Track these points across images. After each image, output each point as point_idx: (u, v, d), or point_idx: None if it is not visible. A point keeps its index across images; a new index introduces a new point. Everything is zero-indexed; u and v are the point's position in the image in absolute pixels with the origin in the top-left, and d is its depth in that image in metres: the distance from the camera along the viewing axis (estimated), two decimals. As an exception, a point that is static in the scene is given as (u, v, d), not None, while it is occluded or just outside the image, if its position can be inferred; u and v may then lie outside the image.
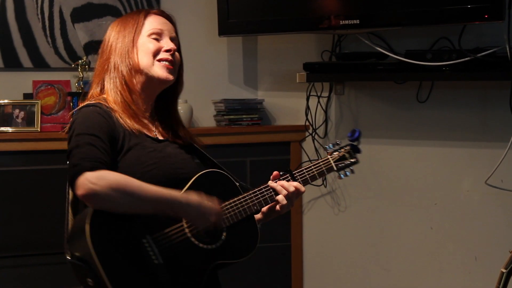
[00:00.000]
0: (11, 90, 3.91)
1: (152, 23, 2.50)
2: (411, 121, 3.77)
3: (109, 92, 2.46)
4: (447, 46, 3.57)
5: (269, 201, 2.52)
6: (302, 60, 3.84)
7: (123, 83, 2.46)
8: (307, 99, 4.03)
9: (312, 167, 2.56)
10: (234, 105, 4.08)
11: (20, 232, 3.74)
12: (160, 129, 2.54)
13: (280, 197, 2.50)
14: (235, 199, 2.46)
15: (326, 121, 4.03)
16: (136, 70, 2.46)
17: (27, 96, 3.91)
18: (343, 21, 3.53)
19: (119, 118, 2.41)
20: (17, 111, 3.84)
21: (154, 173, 2.39)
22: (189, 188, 2.41)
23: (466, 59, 3.34)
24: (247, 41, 4.21)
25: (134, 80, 2.47)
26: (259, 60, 4.23)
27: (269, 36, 4.13)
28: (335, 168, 2.58)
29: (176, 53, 2.50)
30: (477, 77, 3.42)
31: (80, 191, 2.23)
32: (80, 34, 4.00)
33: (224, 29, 3.87)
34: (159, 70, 2.46)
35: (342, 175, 2.61)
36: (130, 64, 2.45)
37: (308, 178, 2.56)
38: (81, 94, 3.84)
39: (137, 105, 2.47)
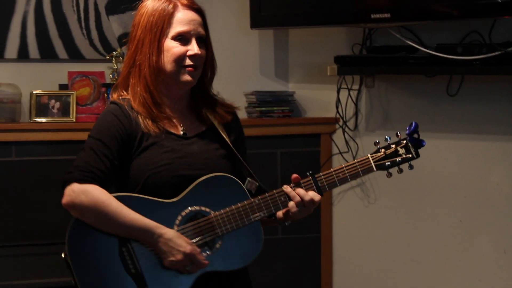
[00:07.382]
0: (47, 81, 3.97)
1: (179, 22, 2.40)
2: (440, 114, 3.77)
3: (132, 95, 2.44)
4: (477, 40, 3.57)
5: (281, 207, 2.37)
6: (332, 53, 3.86)
7: (146, 86, 2.42)
8: (338, 92, 4.05)
9: (345, 168, 2.38)
10: (265, 97, 4.11)
11: (55, 220, 3.78)
12: (193, 123, 2.49)
13: (291, 204, 2.35)
14: (238, 205, 2.36)
15: (356, 113, 4.05)
16: (160, 72, 2.42)
17: (62, 87, 3.97)
18: (374, 15, 3.55)
19: (140, 119, 2.40)
20: (53, 101, 3.90)
21: (163, 175, 2.38)
22: (190, 192, 2.38)
23: (497, 53, 3.34)
24: (278, 33, 4.24)
25: (158, 81, 2.43)
26: (290, 53, 4.26)
27: (300, 29, 4.15)
28: (374, 169, 2.38)
29: (201, 51, 2.42)
30: (507, 71, 3.41)
31: (64, 199, 2.35)
32: (114, 26, 4.05)
33: (256, 21, 3.90)
34: (183, 77, 2.41)
35: (391, 173, 2.39)
36: (155, 68, 2.41)
37: (337, 181, 2.38)
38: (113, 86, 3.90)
39: (160, 106, 2.43)
